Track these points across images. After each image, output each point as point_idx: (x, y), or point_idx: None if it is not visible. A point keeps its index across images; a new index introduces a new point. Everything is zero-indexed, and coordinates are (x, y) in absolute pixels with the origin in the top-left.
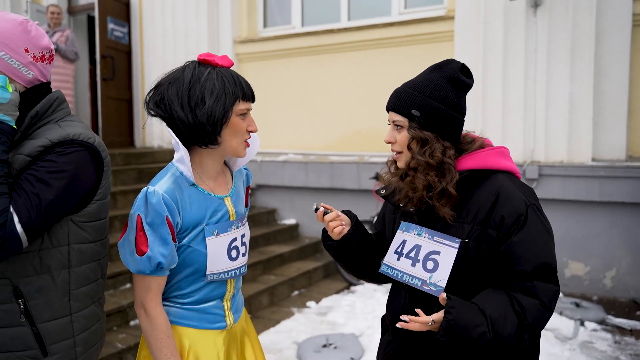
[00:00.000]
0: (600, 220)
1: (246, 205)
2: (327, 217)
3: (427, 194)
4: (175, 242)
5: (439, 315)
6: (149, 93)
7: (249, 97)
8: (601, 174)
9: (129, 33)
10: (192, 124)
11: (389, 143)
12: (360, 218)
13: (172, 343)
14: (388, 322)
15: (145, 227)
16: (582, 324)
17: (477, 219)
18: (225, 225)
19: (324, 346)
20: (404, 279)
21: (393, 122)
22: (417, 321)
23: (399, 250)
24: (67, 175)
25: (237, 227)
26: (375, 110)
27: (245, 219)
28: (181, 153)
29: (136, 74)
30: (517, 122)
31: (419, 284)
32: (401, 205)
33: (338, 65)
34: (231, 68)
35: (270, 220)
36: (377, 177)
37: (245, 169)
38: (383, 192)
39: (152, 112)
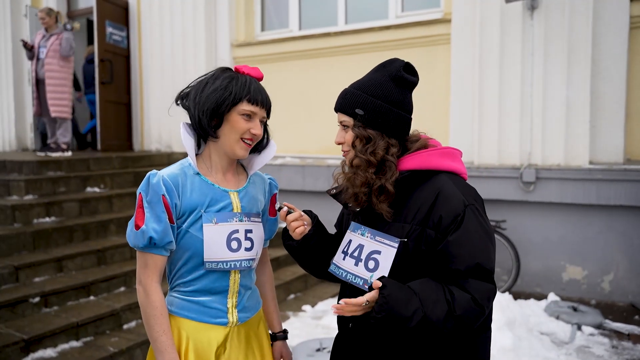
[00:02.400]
0: (598, 224)
1: (272, 215)
2: (289, 216)
3: (364, 189)
4: (172, 222)
5: (372, 295)
6: (184, 88)
7: (257, 102)
8: (599, 177)
9: (128, 37)
10: (193, 114)
11: (339, 144)
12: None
13: (166, 322)
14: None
15: (145, 204)
16: (579, 328)
17: (417, 219)
18: (226, 215)
19: (318, 350)
20: (347, 278)
21: (340, 122)
22: (351, 303)
23: (345, 249)
24: None
25: (241, 221)
26: None
27: (259, 220)
28: (188, 144)
29: (134, 77)
30: (514, 125)
31: (360, 283)
32: (349, 205)
33: (335, 68)
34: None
35: None
36: None
37: (270, 178)
38: (333, 191)
39: (177, 102)
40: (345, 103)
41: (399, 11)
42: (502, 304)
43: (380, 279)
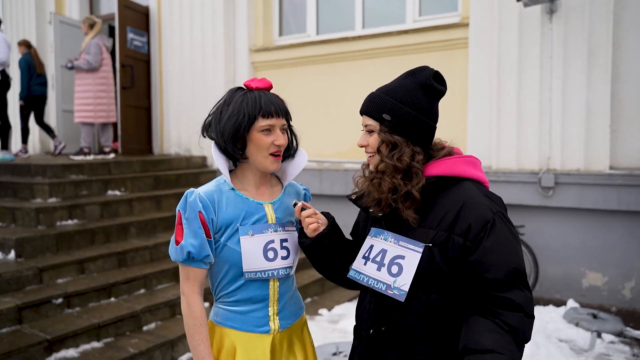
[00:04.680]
0: (618, 230)
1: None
2: (304, 213)
3: (392, 196)
4: (210, 237)
5: None
6: (207, 116)
7: (270, 114)
8: (619, 182)
9: (148, 42)
10: (220, 144)
11: (361, 146)
12: None
13: (204, 332)
14: (357, 327)
15: (183, 221)
16: (599, 335)
17: (442, 224)
18: (262, 227)
19: (334, 354)
20: (369, 283)
21: (365, 126)
22: None
23: (366, 255)
24: None
25: (276, 231)
26: None
27: (293, 229)
28: (221, 164)
29: (155, 82)
30: (533, 130)
31: (383, 288)
32: (370, 210)
33: (352, 73)
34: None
35: None
36: None
37: (305, 189)
38: (354, 196)
39: (204, 135)
40: (373, 107)
41: (416, 15)
42: None
43: None
